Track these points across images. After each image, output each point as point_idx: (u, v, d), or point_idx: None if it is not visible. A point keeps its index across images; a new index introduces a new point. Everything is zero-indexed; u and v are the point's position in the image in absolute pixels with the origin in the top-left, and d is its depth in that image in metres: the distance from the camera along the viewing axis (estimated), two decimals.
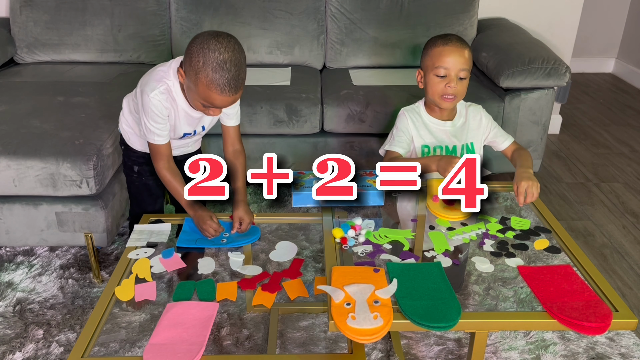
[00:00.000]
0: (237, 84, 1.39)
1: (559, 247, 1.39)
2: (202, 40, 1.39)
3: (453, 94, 1.62)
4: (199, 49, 1.38)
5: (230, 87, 1.38)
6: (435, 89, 1.63)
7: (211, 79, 1.37)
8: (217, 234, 1.49)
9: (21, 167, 1.83)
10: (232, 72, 1.37)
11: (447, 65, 1.60)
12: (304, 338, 1.71)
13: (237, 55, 1.39)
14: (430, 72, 1.64)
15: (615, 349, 1.72)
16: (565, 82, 2.31)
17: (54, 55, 2.74)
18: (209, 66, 1.36)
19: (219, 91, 1.39)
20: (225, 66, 1.36)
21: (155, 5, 2.71)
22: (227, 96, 1.40)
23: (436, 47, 1.62)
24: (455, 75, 1.60)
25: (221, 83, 1.37)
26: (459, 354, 1.69)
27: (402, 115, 1.75)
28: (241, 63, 1.40)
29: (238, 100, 1.63)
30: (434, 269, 1.26)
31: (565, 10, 2.97)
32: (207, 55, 1.36)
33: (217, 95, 1.40)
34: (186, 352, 1.11)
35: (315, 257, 1.58)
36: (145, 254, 1.44)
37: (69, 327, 1.80)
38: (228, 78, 1.37)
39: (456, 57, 1.59)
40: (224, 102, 1.43)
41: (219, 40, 1.37)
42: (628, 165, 2.97)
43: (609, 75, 4.47)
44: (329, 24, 2.74)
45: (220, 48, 1.36)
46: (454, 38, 1.62)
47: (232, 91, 1.39)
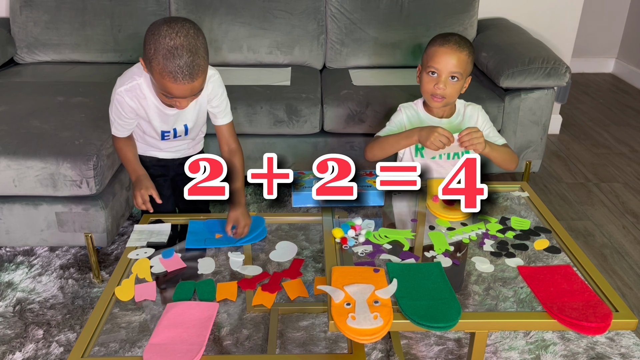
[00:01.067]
0: (191, 70, 1.33)
1: (559, 247, 1.39)
2: (154, 27, 1.34)
3: (441, 95, 1.63)
4: (150, 36, 1.34)
5: (183, 74, 1.32)
6: (425, 87, 1.66)
7: (163, 66, 1.32)
8: (142, 207, 1.54)
9: (21, 167, 1.83)
10: (184, 59, 1.31)
11: (438, 66, 1.61)
12: (304, 338, 1.71)
13: (192, 40, 1.33)
14: (423, 70, 1.66)
15: (615, 349, 1.72)
16: (565, 82, 2.31)
17: (54, 55, 2.74)
18: (159, 53, 1.31)
19: (172, 79, 1.33)
20: (177, 52, 1.30)
21: (155, 5, 2.71)
22: (182, 84, 1.34)
23: (433, 46, 1.63)
24: (445, 76, 1.61)
25: (173, 70, 1.32)
26: (459, 354, 1.69)
27: (398, 111, 1.78)
28: (196, 48, 1.33)
29: (222, 94, 1.62)
30: (434, 269, 1.26)
31: (565, 10, 2.97)
32: (157, 41, 1.32)
33: (171, 84, 1.35)
34: (186, 352, 1.11)
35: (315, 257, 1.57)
36: (145, 254, 1.44)
37: (69, 327, 1.80)
38: (180, 65, 1.31)
39: (448, 59, 1.59)
40: (181, 91, 1.37)
41: (170, 25, 1.32)
42: (628, 165, 2.97)
43: (609, 75, 4.47)
44: (329, 24, 2.74)
45: (172, 34, 1.31)
46: (453, 39, 1.62)
47: (187, 78, 1.33)
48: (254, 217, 1.56)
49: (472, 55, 1.65)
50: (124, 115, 1.57)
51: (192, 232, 1.53)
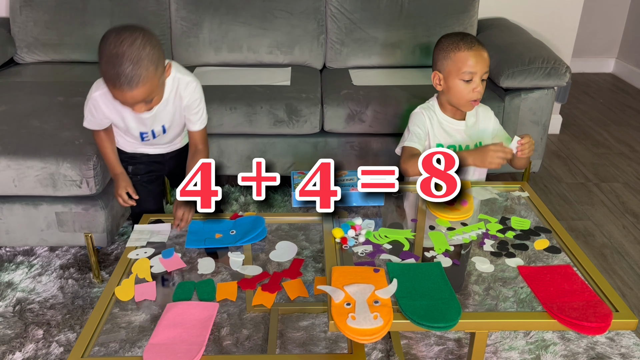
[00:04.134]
0: (129, 80, 1.36)
1: (559, 247, 1.39)
2: (106, 33, 1.38)
3: (480, 97, 1.64)
4: (100, 42, 1.38)
5: (121, 82, 1.36)
6: (462, 94, 1.64)
7: (104, 71, 1.37)
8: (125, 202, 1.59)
9: (21, 167, 1.83)
10: (122, 67, 1.34)
11: (474, 70, 1.60)
12: (304, 338, 1.71)
13: (135, 51, 1.35)
14: (454, 77, 1.63)
15: (615, 349, 1.72)
16: (565, 82, 2.31)
17: (54, 55, 2.74)
18: (103, 59, 1.36)
19: (111, 85, 1.38)
20: (117, 60, 1.34)
21: (155, 5, 2.71)
22: (121, 91, 1.38)
23: (460, 51, 1.61)
24: (479, 78, 1.62)
25: (112, 77, 1.36)
26: (459, 354, 1.69)
27: (419, 113, 1.75)
28: (139, 59, 1.35)
29: (199, 103, 1.66)
30: (434, 269, 1.26)
31: (565, 10, 2.97)
32: (103, 47, 1.36)
33: (112, 89, 1.40)
34: (186, 352, 1.11)
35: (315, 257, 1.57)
36: (145, 254, 1.44)
37: (69, 327, 1.80)
38: (118, 73, 1.34)
39: (481, 60, 1.60)
40: (124, 98, 1.41)
41: (119, 33, 1.36)
42: (628, 165, 2.97)
43: (609, 75, 4.47)
44: (329, 24, 2.74)
45: (117, 41, 1.35)
46: (475, 40, 1.62)
47: (125, 86, 1.37)
48: (254, 217, 1.56)
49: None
50: (97, 115, 1.63)
51: (192, 231, 1.53)
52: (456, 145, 1.72)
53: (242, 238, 1.49)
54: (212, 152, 2.37)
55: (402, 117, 2.30)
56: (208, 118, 2.15)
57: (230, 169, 2.42)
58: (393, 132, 2.34)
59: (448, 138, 1.72)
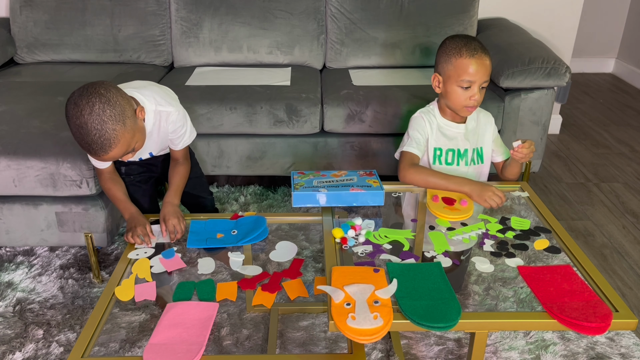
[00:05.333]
0: (101, 145, 1.38)
1: (559, 247, 1.39)
2: (67, 103, 1.39)
3: (476, 105, 1.63)
4: (66, 111, 1.39)
5: (95, 150, 1.39)
6: (458, 100, 1.63)
7: (77, 141, 1.40)
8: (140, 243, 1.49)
9: (21, 167, 1.83)
10: (90, 137, 1.36)
11: (473, 79, 1.58)
12: (304, 338, 1.71)
13: (96, 117, 1.35)
14: (452, 83, 1.62)
15: (615, 349, 1.72)
16: (565, 82, 2.31)
17: (54, 55, 2.74)
18: (71, 130, 1.39)
19: (88, 152, 1.42)
20: (82, 131, 1.36)
21: (155, 5, 2.71)
22: (99, 156, 1.41)
23: (462, 57, 1.58)
24: (478, 87, 1.60)
25: (85, 146, 1.39)
26: (459, 354, 1.70)
27: (419, 117, 1.74)
28: (102, 123, 1.35)
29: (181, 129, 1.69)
30: (434, 269, 1.26)
31: (565, 10, 2.97)
32: (68, 119, 1.38)
33: (91, 155, 1.44)
34: (186, 352, 1.11)
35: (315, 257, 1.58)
36: (145, 254, 1.44)
37: (69, 327, 1.80)
38: (88, 142, 1.37)
39: (481, 69, 1.58)
40: (102, 160, 1.46)
41: (76, 102, 1.36)
42: (628, 165, 2.97)
43: (609, 75, 4.48)
44: (329, 24, 2.74)
45: (77, 112, 1.35)
46: (479, 47, 1.59)
47: (100, 152, 1.39)
48: (255, 217, 1.56)
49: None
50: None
51: (194, 231, 1.53)
52: (455, 149, 1.71)
53: (244, 238, 1.49)
54: (212, 152, 2.37)
55: (402, 117, 2.30)
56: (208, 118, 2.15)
57: (230, 169, 2.43)
58: (393, 132, 2.34)
59: (447, 142, 1.71)
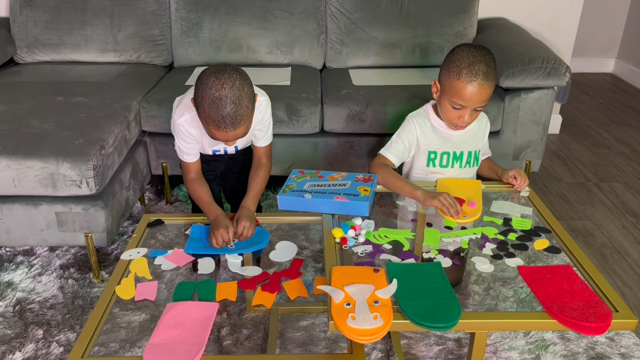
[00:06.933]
0: (233, 120, 1.41)
1: (559, 247, 1.39)
2: (203, 76, 1.43)
3: (464, 126, 1.61)
4: (199, 84, 1.42)
5: (225, 123, 1.41)
6: (448, 116, 1.61)
7: (208, 114, 1.41)
8: (221, 245, 1.46)
9: (21, 167, 1.83)
10: (227, 109, 1.39)
11: (466, 104, 1.54)
12: (304, 338, 1.71)
13: (236, 92, 1.39)
14: (446, 99, 1.58)
15: (615, 349, 1.72)
16: (565, 82, 2.31)
17: (54, 55, 2.74)
18: (205, 102, 1.40)
19: (215, 127, 1.42)
20: (221, 103, 1.38)
21: (155, 5, 2.71)
22: (225, 132, 1.43)
23: (460, 80, 1.51)
24: (471, 110, 1.56)
25: (216, 119, 1.40)
26: (459, 354, 1.69)
27: (409, 122, 1.71)
28: (240, 99, 1.40)
29: (268, 120, 1.71)
30: (434, 269, 1.26)
31: (565, 10, 2.97)
32: (204, 91, 1.40)
33: (215, 131, 1.44)
34: (186, 352, 1.11)
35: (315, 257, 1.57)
36: (139, 254, 1.45)
37: (69, 327, 1.80)
38: (223, 115, 1.39)
39: (476, 96, 1.52)
40: (224, 137, 1.46)
41: (217, 76, 1.40)
42: (628, 165, 2.97)
43: (609, 75, 4.48)
44: (329, 24, 2.74)
45: (217, 84, 1.38)
46: (482, 72, 1.50)
47: (230, 127, 1.42)
48: (259, 230, 1.55)
49: (496, 75, 1.56)
50: (190, 139, 1.65)
51: (193, 238, 1.52)
52: (450, 152, 1.70)
53: (243, 247, 1.48)
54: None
55: (402, 117, 2.28)
56: None
57: None
58: (393, 132, 2.32)
59: (443, 144, 1.69)
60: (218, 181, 1.94)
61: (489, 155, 1.83)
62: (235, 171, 1.92)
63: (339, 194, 1.51)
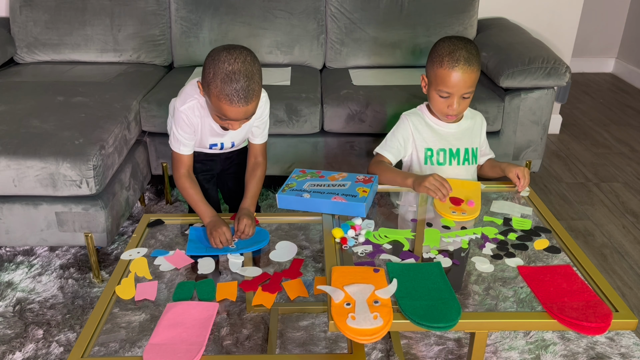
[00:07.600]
0: (247, 94, 1.41)
1: (559, 247, 1.39)
2: (215, 53, 1.43)
3: (455, 114, 1.62)
4: (210, 61, 1.42)
5: (239, 97, 1.40)
6: (438, 107, 1.64)
7: (220, 89, 1.40)
8: (223, 245, 1.47)
9: (21, 167, 1.83)
10: (240, 83, 1.39)
11: (451, 90, 1.57)
12: (304, 338, 1.71)
13: (248, 66, 1.41)
14: (433, 89, 1.61)
15: (615, 349, 1.72)
16: (565, 82, 2.31)
17: (54, 55, 2.74)
18: (218, 77, 1.40)
19: (228, 102, 1.41)
20: (234, 77, 1.39)
21: (155, 5, 2.71)
22: (237, 107, 1.42)
23: (442, 67, 1.55)
24: (458, 97, 1.58)
25: (229, 93, 1.40)
26: (459, 354, 1.69)
27: (404, 120, 1.73)
28: (252, 74, 1.41)
29: (266, 115, 1.71)
30: (434, 269, 1.26)
31: (565, 10, 2.97)
32: (217, 66, 1.40)
33: (227, 106, 1.43)
34: (186, 352, 1.11)
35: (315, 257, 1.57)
36: (139, 254, 1.45)
37: (69, 327, 1.80)
38: (236, 88, 1.39)
39: (461, 82, 1.55)
40: (235, 114, 1.45)
41: (229, 52, 1.41)
42: (628, 165, 2.97)
43: (609, 75, 4.48)
44: (329, 24, 2.74)
45: (230, 59, 1.40)
46: (463, 58, 1.53)
47: (242, 102, 1.41)
48: (259, 230, 1.55)
49: (480, 62, 1.59)
50: (189, 129, 1.63)
51: (192, 240, 1.51)
52: (446, 149, 1.70)
53: (244, 247, 1.48)
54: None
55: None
56: None
57: None
58: None
59: (439, 142, 1.69)
60: (215, 182, 1.93)
61: (492, 156, 1.82)
62: (233, 172, 1.91)
63: (338, 194, 1.51)
